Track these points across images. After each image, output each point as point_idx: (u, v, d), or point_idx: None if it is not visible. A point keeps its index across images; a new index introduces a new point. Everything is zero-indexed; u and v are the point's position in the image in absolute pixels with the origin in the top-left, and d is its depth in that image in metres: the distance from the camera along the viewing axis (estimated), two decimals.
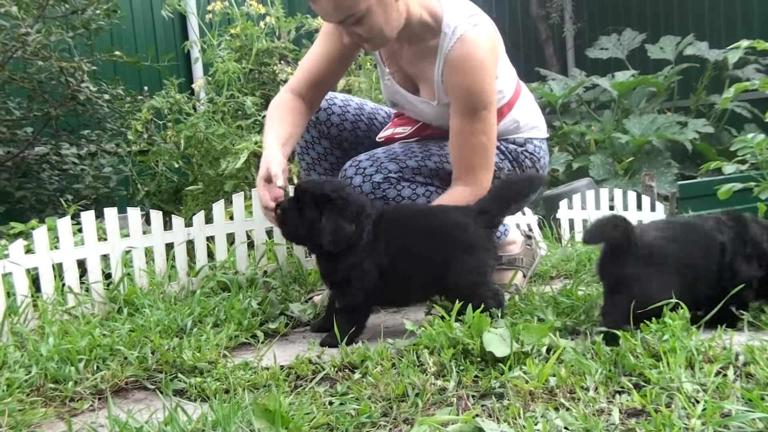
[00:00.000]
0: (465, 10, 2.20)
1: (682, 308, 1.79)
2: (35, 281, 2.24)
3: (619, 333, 1.65)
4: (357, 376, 1.61)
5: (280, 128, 2.24)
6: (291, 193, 2.08)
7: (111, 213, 2.41)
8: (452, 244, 1.95)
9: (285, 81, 3.84)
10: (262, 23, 3.98)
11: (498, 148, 2.42)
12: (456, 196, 2.18)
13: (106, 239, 2.40)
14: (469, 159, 2.20)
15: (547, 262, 2.82)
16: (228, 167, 3.48)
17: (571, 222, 3.62)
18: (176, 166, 3.86)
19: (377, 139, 2.45)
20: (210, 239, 2.69)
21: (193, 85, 4.34)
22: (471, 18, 2.17)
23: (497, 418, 1.35)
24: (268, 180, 2.07)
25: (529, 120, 2.44)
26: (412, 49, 2.27)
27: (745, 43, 3.10)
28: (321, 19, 4.12)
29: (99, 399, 1.63)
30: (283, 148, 2.18)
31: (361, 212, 1.95)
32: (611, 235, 1.79)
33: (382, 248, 1.95)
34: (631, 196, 3.52)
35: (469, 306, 1.76)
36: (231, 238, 2.73)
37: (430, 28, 2.20)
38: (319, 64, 2.33)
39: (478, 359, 1.61)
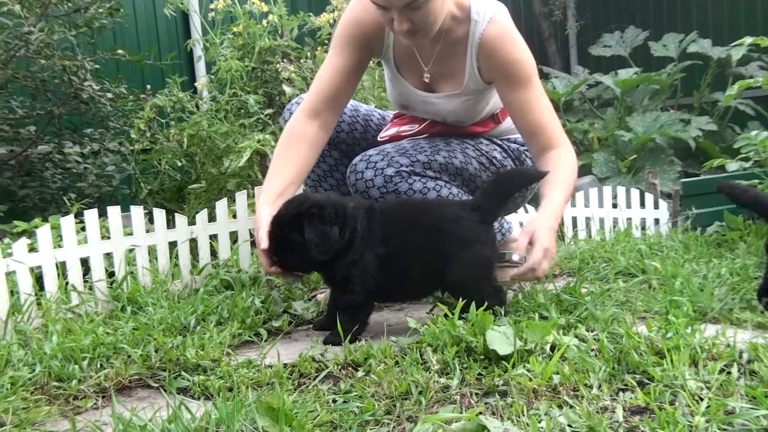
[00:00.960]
0: None
1: (686, 306, 1.79)
2: (39, 280, 2.25)
3: None
4: (360, 374, 1.61)
5: (282, 175, 2.18)
6: None
7: (114, 211, 2.41)
8: (447, 238, 1.95)
9: (288, 79, 3.84)
10: (264, 21, 3.98)
11: (500, 146, 2.42)
12: (565, 158, 2.19)
13: (109, 237, 2.40)
14: (545, 123, 2.22)
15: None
16: (231, 165, 3.48)
17: (574, 220, 3.62)
18: (179, 164, 3.86)
19: (379, 139, 2.45)
20: (213, 237, 2.69)
21: (195, 84, 4.34)
22: (492, 3, 2.23)
23: (501, 415, 1.35)
24: None
25: None
26: (439, 45, 2.27)
27: (748, 40, 3.10)
28: (323, 21, 4.14)
29: (103, 397, 1.63)
30: (276, 202, 2.08)
31: (341, 212, 1.93)
32: None
33: (378, 243, 1.95)
34: (635, 193, 3.52)
35: (473, 304, 1.76)
36: (234, 237, 2.74)
37: (458, 19, 2.22)
38: (333, 79, 2.27)
39: (482, 357, 1.61)
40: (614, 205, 3.56)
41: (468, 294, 1.85)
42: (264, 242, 1.97)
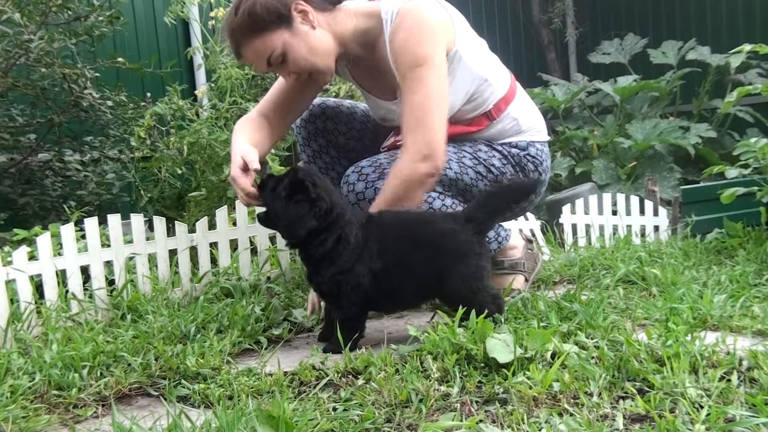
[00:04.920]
0: None
1: (686, 313, 1.79)
2: (39, 288, 2.25)
3: None
4: (361, 381, 1.61)
5: (247, 135, 2.24)
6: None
7: (114, 219, 2.41)
8: (443, 252, 1.94)
9: None
10: None
11: (500, 152, 2.41)
12: (395, 170, 2.09)
13: (109, 246, 2.41)
14: (404, 121, 2.08)
15: (550, 267, 2.82)
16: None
17: (574, 227, 3.61)
18: (179, 172, 3.86)
19: (381, 149, 2.45)
20: (213, 245, 2.69)
21: (195, 92, 4.35)
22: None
23: (501, 423, 1.35)
24: (245, 169, 2.06)
25: (529, 122, 2.42)
26: (367, 60, 2.27)
27: (747, 47, 3.10)
28: None
29: (103, 405, 1.63)
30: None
31: (334, 219, 1.91)
32: None
33: (368, 258, 1.93)
34: (634, 200, 3.52)
35: (473, 312, 1.76)
36: (234, 244, 2.74)
37: (372, 30, 2.21)
38: (287, 85, 2.34)
39: (482, 365, 1.61)
40: (614, 212, 3.56)
41: (467, 304, 1.85)
42: (256, 163, 2.04)
